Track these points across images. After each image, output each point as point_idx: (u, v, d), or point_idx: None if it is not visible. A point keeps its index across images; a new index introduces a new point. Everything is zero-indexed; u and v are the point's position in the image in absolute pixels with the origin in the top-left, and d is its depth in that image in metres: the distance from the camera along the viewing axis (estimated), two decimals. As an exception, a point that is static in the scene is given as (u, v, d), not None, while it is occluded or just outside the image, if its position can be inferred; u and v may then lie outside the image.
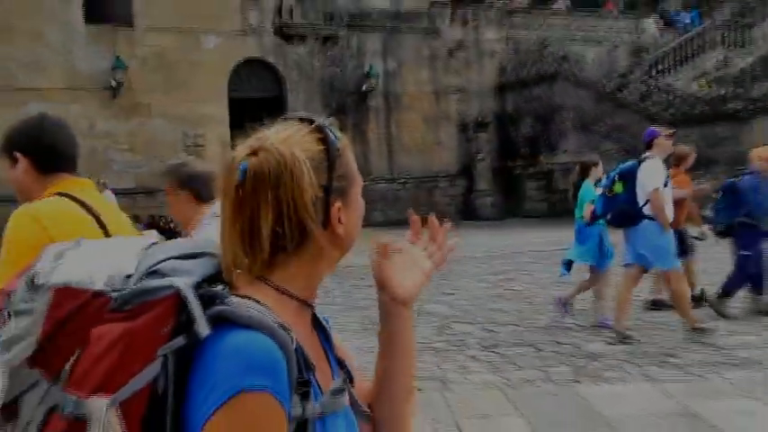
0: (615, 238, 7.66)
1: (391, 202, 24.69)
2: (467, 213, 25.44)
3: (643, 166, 6.96)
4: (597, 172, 8.06)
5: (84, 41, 20.23)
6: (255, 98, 23.20)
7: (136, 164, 21.14)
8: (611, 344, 6.91)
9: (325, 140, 1.11)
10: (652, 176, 6.82)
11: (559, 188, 25.39)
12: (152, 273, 1.04)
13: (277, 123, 1.15)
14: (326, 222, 1.10)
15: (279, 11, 23.05)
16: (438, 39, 26.03)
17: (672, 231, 6.98)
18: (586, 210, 7.58)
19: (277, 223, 1.06)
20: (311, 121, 1.14)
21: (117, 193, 20.36)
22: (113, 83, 20.46)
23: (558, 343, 7.14)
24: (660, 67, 27.47)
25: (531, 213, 25.41)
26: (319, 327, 1.22)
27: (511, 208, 26.07)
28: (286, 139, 1.09)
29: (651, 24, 29.91)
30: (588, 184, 7.93)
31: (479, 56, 26.91)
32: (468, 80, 26.56)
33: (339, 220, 1.11)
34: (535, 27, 28.02)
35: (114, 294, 1.03)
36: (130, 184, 20.85)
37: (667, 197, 6.96)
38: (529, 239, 17.71)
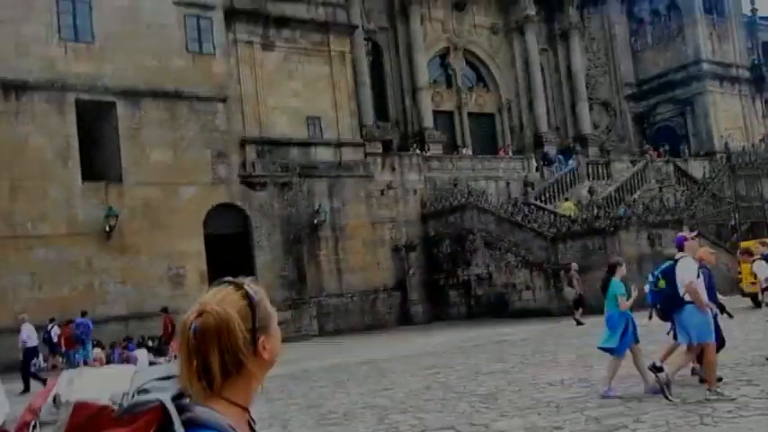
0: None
1: (342, 313, 24.62)
2: (403, 319, 25.56)
3: (679, 264, 7.27)
4: (621, 271, 8.18)
5: (82, 196, 20.11)
6: (227, 234, 23.35)
7: (127, 294, 20.69)
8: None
9: (247, 296, 1.32)
10: (687, 271, 7.14)
11: (476, 294, 25.82)
12: (142, 391, 1.26)
13: (213, 287, 1.35)
14: (256, 351, 1.30)
15: (243, 164, 23.55)
16: (372, 181, 26.60)
17: (708, 311, 7.22)
18: (621, 302, 7.78)
19: (222, 360, 1.26)
20: (237, 284, 1.35)
21: (110, 319, 20.08)
22: (107, 228, 20.26)
23: (472, 425, 7.11)
24: (545, 195, 28.78)
25: (453, 316, 25.59)
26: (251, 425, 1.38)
27: (438, 313, 26.16)
28: (221, 300, 1.30)
29: (534, 164, 31.33)
30: (615, 280, 8.04)
31: (405, 193, 27.48)
32: (397, 212, 26.99)
33: (264, 349, 1.32)
34: (448, 169, 29.12)
35: (116, 407, 1.26)
36: (123, 311, 20.38)
37: (701, 286, 7.26)
38: (452, 338, 17.71)
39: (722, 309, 9.14)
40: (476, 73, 34.83)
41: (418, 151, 28.88)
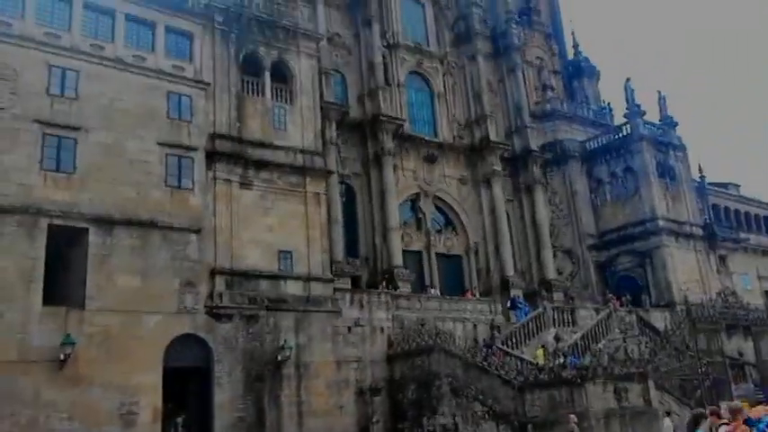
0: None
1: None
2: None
3: None
4: (706, 425, 7.66)
5: (39, 321, 18.99)
6: (187, 368, 22.06)
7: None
8: None
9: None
10: None
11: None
12: None
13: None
14: None
15: (211, 295, 22.82)
16: (340, 318, 25.79)
17: None
18: None
19: None
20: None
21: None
22: (62, 356, 18.95)
23: None
24: (512, 341, 28.07)
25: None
26: None
27: (402, 463, 24.26)
28: None
29: (500, 307, 30.97)
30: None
31: (372, 331, 26.51)
32: (364, 351, 25.84)
33: None
34: (416, 309, 28.48)
35: None
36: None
37: None
38: None
39: None
40: (445, 217, 35.45)
41: (387, 289, 28.51)
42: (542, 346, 27.01)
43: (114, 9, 23.03)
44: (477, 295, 32.52)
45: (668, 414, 21.57)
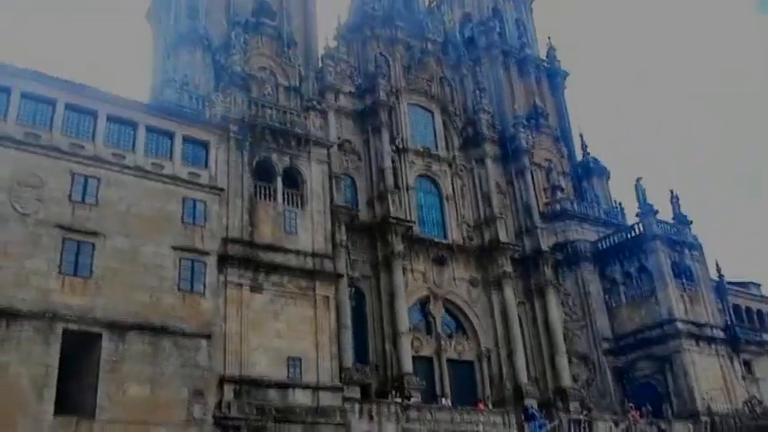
0: None
1: None
2: None
3: None
4: None
5: (48, 428, 19.86)
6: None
7: None
8: None
9: None
10: None
11: None
12: None
13: None
14: None
15: (219, 405, 23.56)
16: (349, 431, 26.22)
17: None
18: None
19: None
20: None
21: None
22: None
23: None
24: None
25: None
26: None
27: None
28: None
29: (514, 418, 31.05)
30: None
31: (382, 443, 26.91)
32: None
33: None
34: (426, 420, 28.66)
35: None
36: None
37: None
38: None
39: None
40: (455, 321, 36.39)
41: (397, 399, 28.98)
42: None
43: (136, 121, 25.46)
44: (490, 405, 32.74)
45: None
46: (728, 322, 42.21)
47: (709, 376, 37.96)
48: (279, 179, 28.73)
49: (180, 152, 26.18)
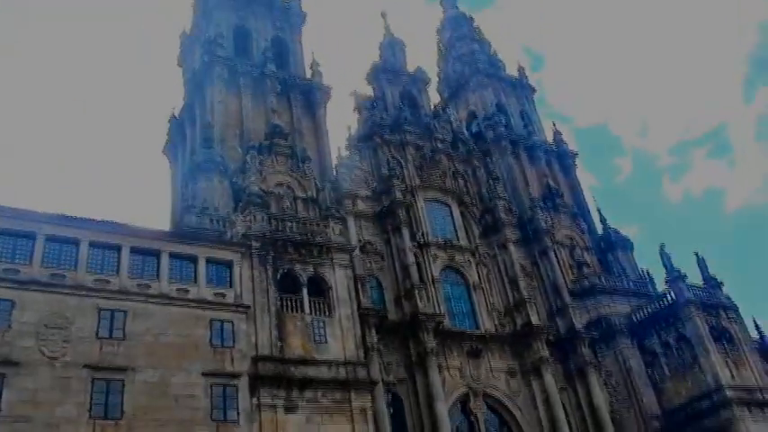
0: None
1: None
2: None
3: None
4: None
5: None
6: None
7: None
8: None
9: None
10: None
11: None
12: None
13: None
14: None
15: None
16: None
17: None
18: None
19: None
20: None
21: None
22: None
23: None
24: None
25: None
26: None
27: None
28: None
29: None
30: None
31: None
32: None
33: None
34: None
35: None
36: None
37: None
38: None
39: None
40: (498, 416, 33.85)
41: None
42: None
43: (159, 249, 24.83)
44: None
45: None
46: (780, 386, 39.02)
47: (769, 445, 34.72)
48: (304, 289, 27.61)
49: (204, 275, 25.38)
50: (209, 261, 25.84)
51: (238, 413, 22.81)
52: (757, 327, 42.45)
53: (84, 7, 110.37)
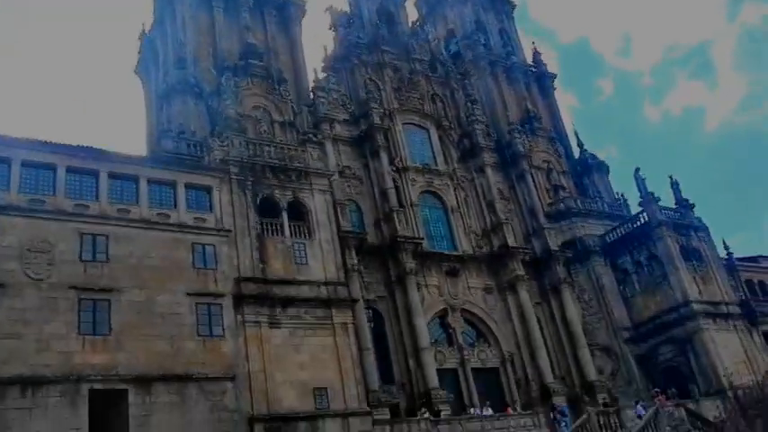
0: None
1: None
2: None
3: None
4: None
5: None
6: None
7: None
8: None
9: None
10: None
11: None
12: None
13: None
14: None
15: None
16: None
17: None
18: None
19: None
20: None
21: None
22: None
23: None
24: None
25: None
26: None
27: None
28: None
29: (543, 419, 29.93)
30: None
31: (418, 459, 25.91)
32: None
33: None
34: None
35: None
36: None
37: None
38: None
39: None
40: (475, 330, 35.28)
41: (426, 415, 27.93)
42: None
43: (137, 175, 24.82)
44: (519, 409, 31.56)
45: None
46: (743, 297, 40.97)
47: (729, 352, 36.79)
48: (284, 214, 27.96)
49: (184, 200, 25.54)
50: (188, 186, 25.94)
51: (224, 329, 23.59)
52: (726, 246, 43.89)
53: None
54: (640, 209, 41.36)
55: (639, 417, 29.09)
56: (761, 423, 28.87)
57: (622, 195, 47.06)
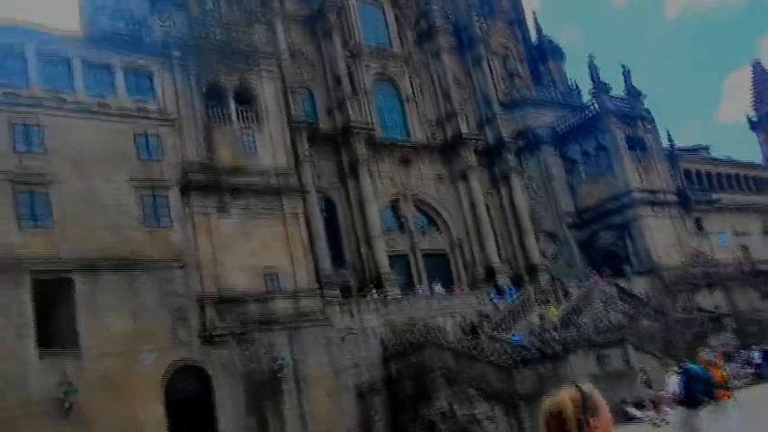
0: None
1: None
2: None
3: None
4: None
5: (37, 371, 19.31)
6: (188, 398, 22.37)
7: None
8: None
9: (580, 391, 2.04)
10: None
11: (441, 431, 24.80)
12: None
13: (565, 387, 2.10)
14: (589, 428, 1.98)
15: (204, 324, 23.15)
16: (332, 328, 26.21)
17: None
18: None
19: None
20: (576, 385, 2.07)
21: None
22: (66, 405, 19.17)
23: None
24: (501, 326, 28.68)
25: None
26: None
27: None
28: (563, 395, 2.04)
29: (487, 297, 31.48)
30: None
31: (366, 337, 26.95)
32: (359, 357, 26.28)
33: (595, 427, 1.96)
34: (406, 310, 28.96)
35: None
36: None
37: None
38: None
39: None
40: (426, 217, 35.84)
41: (376, 295, 28.91)
42: (554, 306, 27.88)
43: (69, 57, 23.10)
44: (466, 289, 32.93)
45: (645, 371, 22.48)
46: (680, 186, 42.40)
47: (663, 236, 38.65)
48: (231, 100, 26.83)
49: (123, 85, 24.09)
50: (127, 70, 24.41)
51: (171, 219, 23.29)
52: (669, 137, 44.59)
53: None
54: (591, 98, 41.40)
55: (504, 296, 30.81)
56: (682, 297, 31.25)
57: (576, 84, 46.84)
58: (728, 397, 9.77)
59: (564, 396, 1.99)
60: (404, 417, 25.70)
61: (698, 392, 9.75)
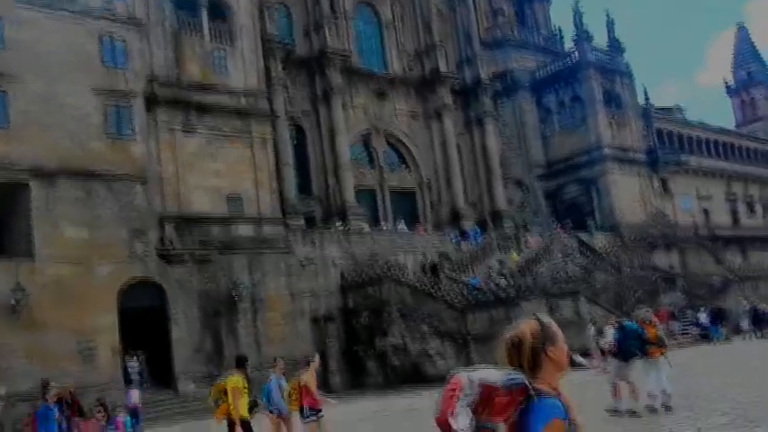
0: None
1: (258, 388, 23.55)
2: (322, 388, 24.56)
3: None
4: None
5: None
6: (143, 308, 22.42)
7: (34, 372, 19.41)
8: None
9: (540, 322, 2.14)
10: None
11: (392, 364, 25.46)
12: (510, 378, 2.05)
13: (522, 321, 2.19)
14: (547, 356, 2.10)
15: (162, 241, 23.00)
16: (292, 256, 26.33)
17: None
18: None
19: (528, 359, 2.10)
20: (536, 317, 2.18)
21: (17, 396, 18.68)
22: (13, 301, 19.15)
23: None
24: (461, 267, 29.11)
25: (371, 385, 25.04)
26: None
27: (356, 382, 25.55)
28: (524, 326, 2.15)
29: (450, 238, 31.81)
30: None
31: (325, 266, 27.17)
32: (317, 285, 26.58)
33: (552, 355, 2.10)
34: (368, 243, 29.13)
35: (501, 386, 2.04)
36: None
37: None
38: (368, 406, 17.20)
39: None
40: (397, 153, 35.59)
41: (341, 227, 28.92)
42: (515, 253, 28.37)
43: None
44: (429, 230, 33.13)
45: (594, 323, 23.22)
46: (651, 145, 42.68)
47: (628, 194, 39.23)
48: (204, 11, 25.74)
49: (90, -18, 22.77)
50: (95, -34, 23.11)
51: (134, 131, 22.63)
52: (646, 95, 44.48)
53: None
54: (573, 46, 40.83)
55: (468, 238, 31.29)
56: (639, 255, 31.99)
57: (559, 29, 46.08)
58: (661, 354, 10.16)
59: (524, 327, 2.11)
60: (358, 346, 26.25)
61: (630, 347, 10.24)
